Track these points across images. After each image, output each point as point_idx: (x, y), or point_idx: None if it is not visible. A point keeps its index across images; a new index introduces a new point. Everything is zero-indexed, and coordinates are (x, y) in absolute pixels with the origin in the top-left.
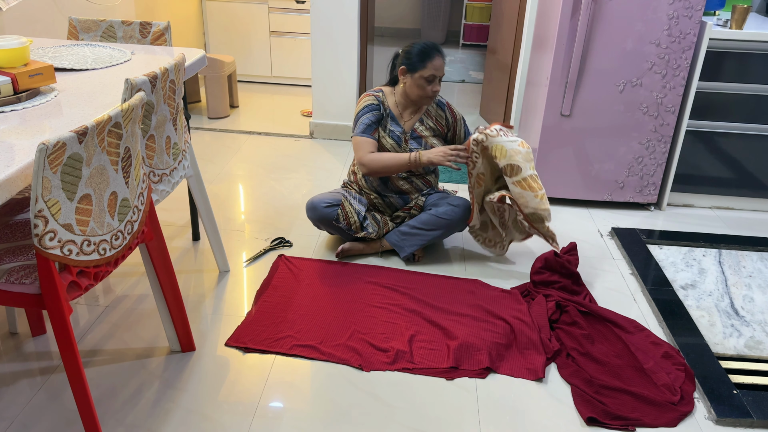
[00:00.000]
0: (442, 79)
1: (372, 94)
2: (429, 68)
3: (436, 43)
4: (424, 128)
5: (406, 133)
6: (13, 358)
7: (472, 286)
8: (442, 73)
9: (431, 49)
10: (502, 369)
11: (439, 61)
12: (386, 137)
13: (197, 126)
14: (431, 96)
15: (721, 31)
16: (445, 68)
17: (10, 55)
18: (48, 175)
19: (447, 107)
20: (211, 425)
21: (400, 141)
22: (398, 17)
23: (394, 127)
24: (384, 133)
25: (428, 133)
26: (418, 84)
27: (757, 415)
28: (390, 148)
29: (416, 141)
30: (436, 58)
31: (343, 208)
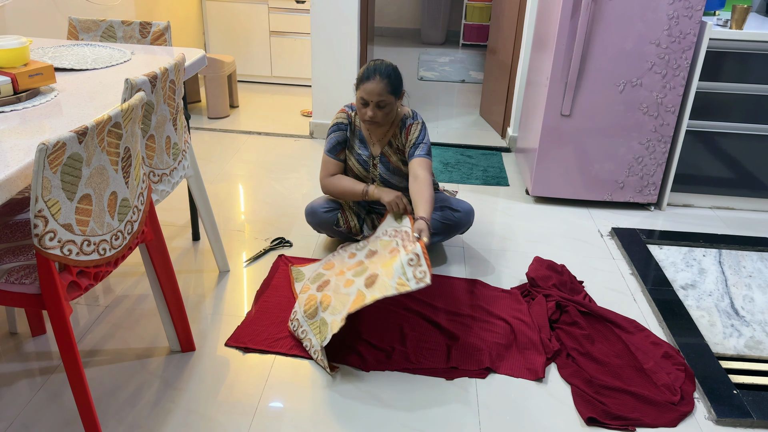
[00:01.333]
0: (381, 104)
1: (345, 111)
2: (361, 90)
3: (383, 66)
4: (392, 151)
5: (374, 157)
6: (13, 358)
7: (472, 286)
8: (375, 99)
9: (371, 71)
10: (502, 369)
11: (372, 86)
12: (353, 160)
13: (197, 126)
14: (365, 120)
15: (721, 31)
16: (386, 94)
17: (10, 55)
18: (48, 175)
19: (405, 129)
20: (211, 425)
21: (367, 165)
22: (398, 17)
23: (362, 150)
24: (351, 155)
25: (396, 158)
26: (357, 105)
27: (757, 415)
28: (357, 172)
29: (384, 166)
30: (371, 83)
31: (343, 212)
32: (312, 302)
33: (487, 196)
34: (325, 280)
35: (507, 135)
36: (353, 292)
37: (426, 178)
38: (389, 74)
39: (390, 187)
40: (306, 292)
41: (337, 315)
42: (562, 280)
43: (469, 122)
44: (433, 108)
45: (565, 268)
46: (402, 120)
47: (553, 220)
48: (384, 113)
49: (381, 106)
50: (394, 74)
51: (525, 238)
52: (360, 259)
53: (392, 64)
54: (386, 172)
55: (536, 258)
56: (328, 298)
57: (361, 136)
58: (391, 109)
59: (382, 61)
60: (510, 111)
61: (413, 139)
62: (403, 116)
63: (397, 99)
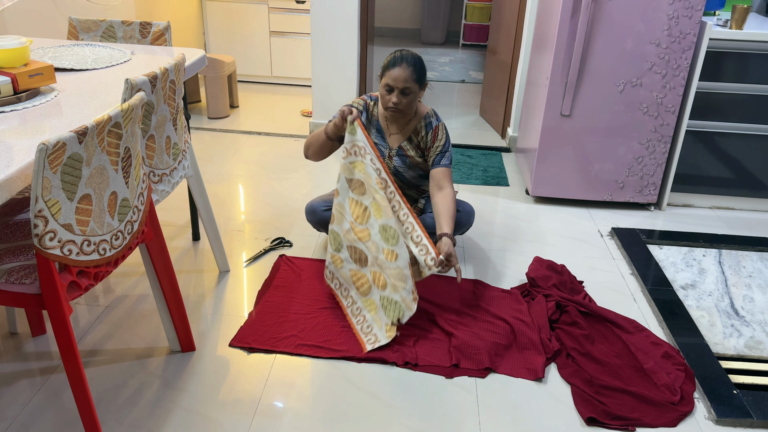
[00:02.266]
0: (406, 92)
1: (364, 99)
2: (386, 77)
3: (410, 54)
4: (411, 147)
5: (390, 149)
6: (13, 358)
7: (472, 286)
8: (400, 85)
9: (398, 59)
10: (502, 369)
11: (398, 72)
12: None
13: (197, 126)
14: (389, 107)
15: (721, 31)
16: (412, 82)
17: (10, 55)
18: (48, 175)
19: (433, 130)
20: (211, 425)
21: (383, 156)
22: (398, 17)
23: (379, 141)
24: None
25: (414, 153)
26: (381, 93)
27: (757, 415)
28: None
29: (401, 159)
30: (397, 69)
31: None
32: (364, 280)
33: (487, 196)
34: (361, 252)
35: (507, 135)
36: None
37: (450, 192)
38: (416, 62)
39: (403, 180)
40: (341, 265)
41: (403, 292)
42: (562, 280)
43: (469, 122)
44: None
45: (565, 268)
46: (425, 118)
47: (553, 220)
48: (408, 101)
49: (406, 93)
50: (420, 63)
51: (525, 238)
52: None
53: (418, 54)
54: (402, 166)
55: (536, 258)
56: (378, 275)
57: (378, 126)
58: (415, 97)
59: (409, 51)
60: (510, 111)
61: (440, 146)
62: (426, 114)
63: (421, 89)
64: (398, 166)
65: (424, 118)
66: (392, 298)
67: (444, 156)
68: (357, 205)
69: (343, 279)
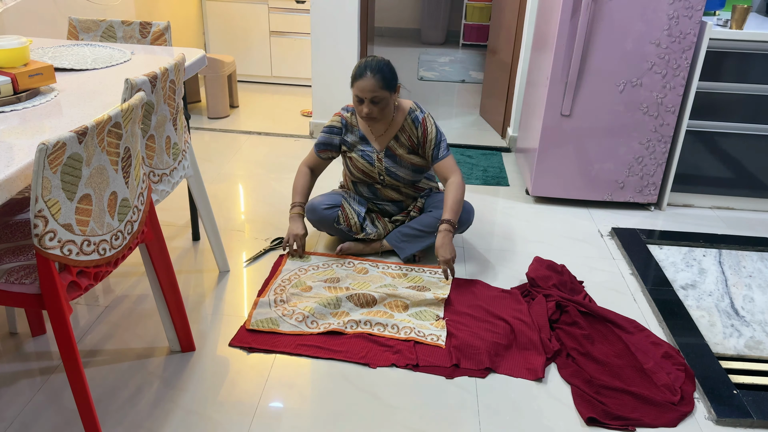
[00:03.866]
0: (376, 100)
1: (340, 114)
2: (354, 88)
3: (374, 62)
4: (399, 145)
5: (378, 152)
6: (13, 358)
7: (472, 286)
8: (368, 96)
9: (362, 68)
10: (502, 369)
11: (364, 83)
12: (358, 159)
13: (197, 126)
14: (363, 117)
15: (721, 31)
16: (379, 89)
17: (10, 55)
18: (48, 175)
19: (421, 124)
20: (211, 425)
21: (372, 161)
22: (398, 17)
23: (365, 148)
24: (355, 154)
25: (403, 151)
26: (354, 103)
27: (757, 415)
28: (362, 167)
29: (391, 159)
30: (362, 80)
31: (343, 209)
32: (382, 313)
33: (487, 196)
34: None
35: (507, 135)
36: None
37: (456, 180)
38: (381, 69)
39: (398, 179)
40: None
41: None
42: (562, 280)
43: (469, 122)
44: (433, 108)
45: (565, 268)
46: (410, 114)
47: (553, 220)
48: (380, 108)
49: (375, 101)
50: (387, 68)
51: (525, 238)
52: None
53: (384, 59)
54: (393, 165)
55: (536, 258)
56: (395, 303)
57: (361, 135)
58: (387, 104)
59: (374, 57)
60: (510, 111)
61: (432, 138)
62: (410, 110)
63: (393, 93)
64: (389, 167)
65: (408, 114)
66: (420, 309)
67: (439, 147)
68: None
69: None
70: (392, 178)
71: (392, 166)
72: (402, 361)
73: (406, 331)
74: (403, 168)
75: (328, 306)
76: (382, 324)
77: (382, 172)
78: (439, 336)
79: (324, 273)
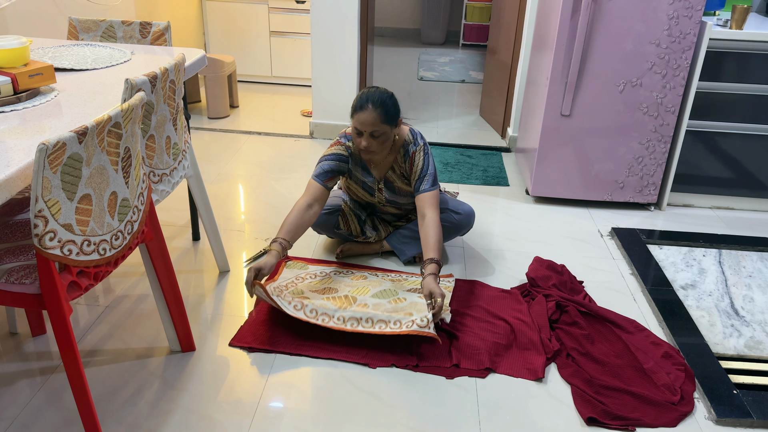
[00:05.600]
0: (375, 134)
1: (343, 144)
2: (354, 120)
3: (376, 95)
4: (396, 176)
5: (378, 181)
6: (13, 358)
7: (472, 287)
8: (368, 129)
9: (363, 101)
10: (502, 368)
11: (364, 116)
12: (358, 188)
13: (197, 126)
14: (360, 149)
15: (721, 31)
16: (380, 124)
17: (10, 55)
18: (48, 175)
19: (410, 157)
20: (211, 425)
21: (372, 191)
22: (398, 17)
23: (365, 177)
24: (354, 182)
25: (400, 182)
26: (352, 134)
27: (757, 415)
28: (362, 197)
29: (390, 190)
30: (363, 112)
31: (344, 213)
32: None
33: (487, 196)
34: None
35: (507, 135)
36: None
37: (433, 217)
38: (383, 102)
39: (396, 206)
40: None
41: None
42: (562, 280)
43: (469, 122)
44: (433, 108)
45: (565, 268)
46: (404, 146)
47: (553, 220)
48: (379, 142)
49: (375, 135)
50: (390, 102)
51: (525, 238)
52: None
53: (387, 92)
54: (392, 195)
55: (536, 258)
56: (397, 311)
57: (362, 164)
58: (387, 138)
59: (377, 89)
60: (510, 111)
61: (418, 171)
62: (404, 142)
63: (393, 127)
64: (388, 197)
65: (402, 146)
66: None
67: (423, 181)
68: (335, 300)
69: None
70: (392, 206)
71: (391, 196)
72: (402, 362)
73: (408, 324)
74: (402, 197)
75: (329, 301)
76: (384, 321)
77: (382, 201)
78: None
79: (321, 282)
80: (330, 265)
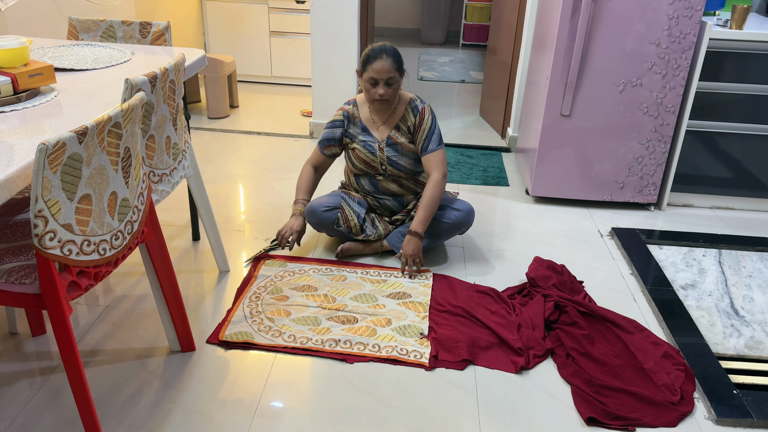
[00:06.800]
0: (391, 81)
1: (343, 109)
2: (369, 71)
3: (387, 46)
4: (400, 134)
5: (380, 142)
6: (13, 358)
7: (449, 282)
8: (383, 77)
9: (377, 51)
10: (480, 361)
11: (380, 64)
12: (360, 149)
13: (197, 126)
14: (376, 99)
15: (721, 31)
16: (394, 71)
17: (10, 55)
18: (48, 175)
19: (420, 112)
20: (211, 425)
21: (374, 150)
22: (398, 17)
23: (367, 138)
24: (358, 145)
25: (404, 140)
26: (365, 87)
27: (757, 415)
28: (364, 158)
29: (392, 148)
30: (378, 61)
31: (343, 211)
32: (364, 329)
33: (487, 196)
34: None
35: (507, 135)
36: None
37: (435, 179)
38: (394, 53)
39: (399, 168)
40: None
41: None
42: (562, 280)
43: (469, 122)
44: (433, 108)
45: (565, 268)
46: (410, 103)
47: (553, 220)
48: (393, 90)
49: (390, 83)
50: (397, 53)
51: (525, 238)
52: None
53: (394, 46)
54: (395, 154)
55: (536, 258)
56: (378, 320)
57: (363, 126)
58: (398, 86)
59: (384, 42)
60: (510, 111)
61: (426, 128)
62: (410, 99)
63: (401, 77)
64: (391, 156)
65: (409, 104)
66: (404, 324)
67: (431, 140)
68: (315, 297)
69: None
70: (394, 168)
71: (394, 155)
72: (381, 358)
73: (387, 350)
74: (405, 157)
75: (307, 324)
76: (362, 343)
77: (383, 161)
78: (422, 354)
79: (300, 279)
80: (309, 262)
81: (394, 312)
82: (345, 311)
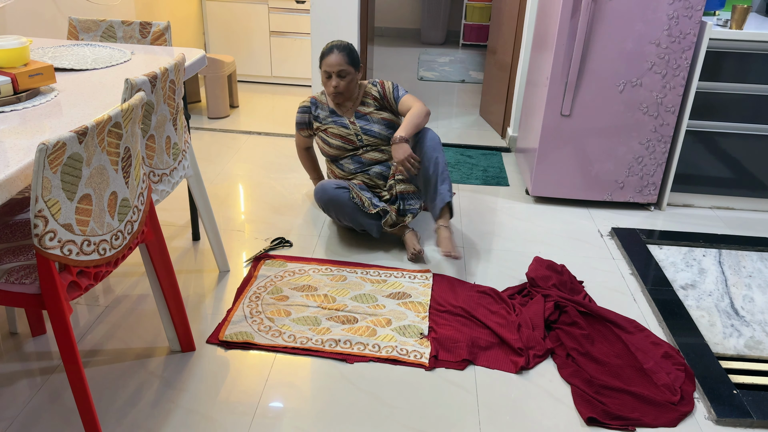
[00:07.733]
0: (343, 74)
1: (312, 96)
2: (323, 65)
3: (340, 42)
4: (366, 107)
5: (349, 118)
6: (13, 358)
7: (449, 282)
8: (335, 69)
9: (329, 47)
10: (480, 361)
11: (332, 59)
12: (333, 126)
13: (197, 126)
14: (332, 92)
15: (721, 31)
16: (345, 64)
17: (10, 55)
18: (48, 175)
19: (379, 83)
20: (211, 425)
21: (346, 125)
22: (398, 17)
23: (336, 118)
24: (328, 124)
25: (372, 108)
26: (323, 82)
27: (757, 415)
28: (340, 134)
29: (362, 119)
30: (330, 56)
31: (352, 188)
32: (364, 329)
33: (487, 196)
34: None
35: (507, 135)
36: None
37: (417, 107)
38: (345, 48)
39: (374, 135)
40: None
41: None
42: (562, 280)
43: (469, 122)
44: (433, 108)
45: (565, 268)
46: (369, 83)
47: (553, 220)
48: (346, 82)
49: (342, 75)
50: (350, 48)
51: (525, 238)
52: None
53: (348, 42)
54: (366, 123)
55: (536, 258)
56: (378, 320)
57: (330, 109)
58: (352, 79)
59: (340, 40)
60: (510, 111)
61: (390, 88)
62: (369, 82)
63: (357, 72)
64: (363, 125)
65: (368, 86)
66: (404, 324)
67: (398, 90)
68: (315, 298)
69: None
70: (369, 136)
71: (366, 124)
72: (382, 357)
73: (387, 350)
74: (376, 125)
75: (307, 324)
76: (362, 343)
77: (358, 132)
78: (422, 354)
79: (300, 279)
80: (309, 262)
81: (394, 312)
82: (345, 311)
